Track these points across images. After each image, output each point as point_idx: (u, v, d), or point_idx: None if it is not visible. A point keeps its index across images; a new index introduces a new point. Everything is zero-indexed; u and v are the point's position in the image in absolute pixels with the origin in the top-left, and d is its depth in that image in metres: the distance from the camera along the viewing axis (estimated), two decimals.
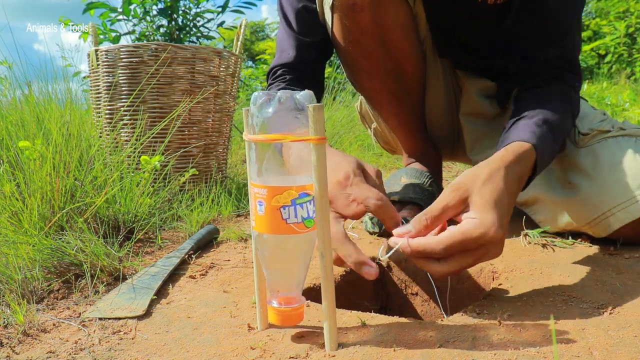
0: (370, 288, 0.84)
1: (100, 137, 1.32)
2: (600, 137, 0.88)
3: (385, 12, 0.84)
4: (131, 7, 3.22)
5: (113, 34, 3.27)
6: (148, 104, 1.32)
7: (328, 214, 0.50)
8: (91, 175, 1.02)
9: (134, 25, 3.36)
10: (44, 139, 1.05)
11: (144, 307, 0.64)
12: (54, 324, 0.62)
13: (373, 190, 0.61)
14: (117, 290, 0.71)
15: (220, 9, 3.44)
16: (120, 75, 1.32)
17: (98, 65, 1.36)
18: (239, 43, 1.55)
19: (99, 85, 1.38)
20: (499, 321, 0.57)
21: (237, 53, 1.51)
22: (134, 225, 0.99)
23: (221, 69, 1.43)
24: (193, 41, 3.50)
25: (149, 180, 1.08)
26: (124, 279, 0.76)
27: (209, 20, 3.50)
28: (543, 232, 0.89)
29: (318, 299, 0.55)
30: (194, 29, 3.46)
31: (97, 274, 0.76)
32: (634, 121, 2.45)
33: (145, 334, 0.58)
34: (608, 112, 1.14)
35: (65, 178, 0.92)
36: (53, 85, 1.39)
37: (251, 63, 8.77)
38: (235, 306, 0.65)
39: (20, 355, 0.54)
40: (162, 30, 3.39)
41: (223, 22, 3.57)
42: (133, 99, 1.30)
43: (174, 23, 3.35)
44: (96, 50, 1.37)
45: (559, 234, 0.91)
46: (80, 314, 0.65)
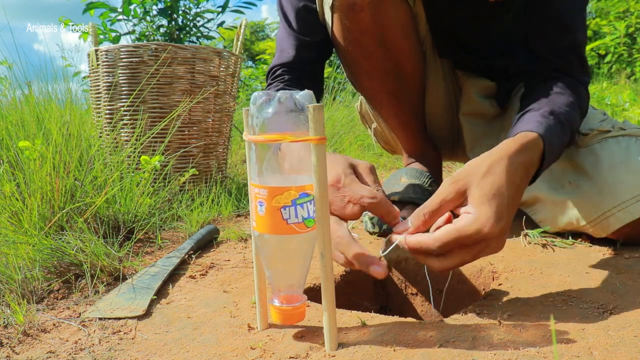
0: (370, 288, 0.84)
1: (100, 137, 1.32)
2: (600, 137, 0.88)
3: (385, 12, 0.84)
4: (131, 7, 3.21)
5: (113, 34, 3.26)
6: (148, 104, 1.32)
7: (328, 214, 0.50)
8: (91, 175, 1.02)
9: (134, 25, 3.36)
10: (44, 139, 1.05)
11: (144, 307, 0.64)
12: (54, 324, 0.62)
13: (366, 188, 0.60)
14: (117, 290, 0.71)
15: (220, 9, 3.44)
16: (120, 75, 1.32)
17: (98, 65, 1.36)
18: (239, 43, 1.55)
19: (99, 85, 1.38)
20: (499, 321, 0.57)
21: (237, 53, 1.51)
22: (134, 225, 0.99)
23: (221, 69, 1.43)
24: (193, 41, 3.50)
25: (149, 180, 1.08)
26: (124, 279, 0.76)
27: (209, 20, 3.50)
28: (543, 232, 0.89)
29: (318, 299, 0.55)
30: (194, 29, 3.46)
31: (97, 274, 0.76)
32: (634, 121, 2.45)
33: (145, 334, 0.58)
34: (608, 112, 1.14)
35: (65, 178, 0.92)
36: (53, 85, 1.39)
37: (251, 63, 8.76)
38: (235, 306, 0.65)
39: (20, 355, 0.54)
40: (162, 30, 3.38)
41: (223, 22, 3.57)
42: (133, 99, 1.30)
43: (174, 23, 3.35)
44: (96, 50, 1.37)
45: (559, 234, 0.91)
46: (80, 314, 0.65)
